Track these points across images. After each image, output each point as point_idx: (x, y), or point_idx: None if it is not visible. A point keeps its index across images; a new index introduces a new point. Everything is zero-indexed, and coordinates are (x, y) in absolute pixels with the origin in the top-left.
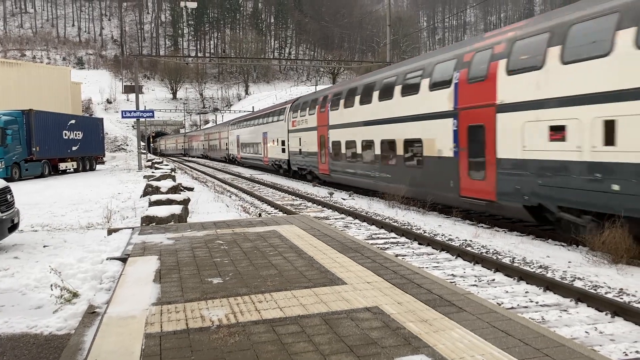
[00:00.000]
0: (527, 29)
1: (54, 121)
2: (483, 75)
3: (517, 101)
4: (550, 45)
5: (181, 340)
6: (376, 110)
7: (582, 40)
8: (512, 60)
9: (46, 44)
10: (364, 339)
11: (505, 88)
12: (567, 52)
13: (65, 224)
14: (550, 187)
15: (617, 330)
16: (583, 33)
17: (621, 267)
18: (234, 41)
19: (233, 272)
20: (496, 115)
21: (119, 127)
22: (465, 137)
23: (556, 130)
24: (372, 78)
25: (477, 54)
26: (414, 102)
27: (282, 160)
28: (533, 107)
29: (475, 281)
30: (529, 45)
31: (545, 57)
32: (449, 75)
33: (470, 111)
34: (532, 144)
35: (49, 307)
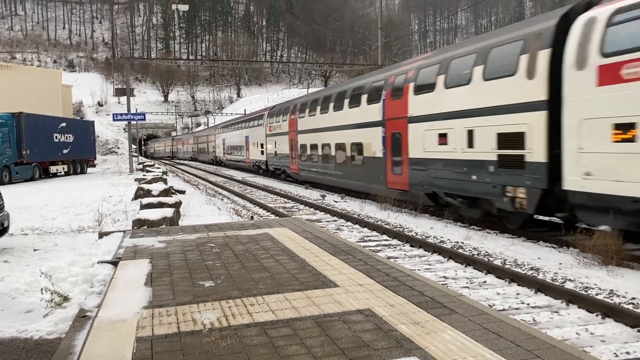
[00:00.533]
0: (427, 60)
1: (45, 124)
2: (400, 94)
3: (420, 114)
4: (439, 74)
5: (173, 343)
6: (332, 118)
7: (456, 72)
8: (417, 83)
9: (37, 47)
10: (356, 341)
11: (413, 104)
12: (448, 80)
13: (56, 228)
14: (440, 178)
15: (607, 331)
16: (456, 66)
17: (611, 269)
18: (225, 44)
19: (225, 275)
20: (408, 125)
21: (110, 130)
22: (389, 142)
23: (442, 136)
24: (329, 91)
25: (397, 77)
26: (357, 113)
27: (261, 161)
28: (429, 119)
29: (467, 283)
30: (427, 73)
31: (435, 83)
32: (379, 92)
33: (392, 121)
34: (429, 147)
35: (39, 311)
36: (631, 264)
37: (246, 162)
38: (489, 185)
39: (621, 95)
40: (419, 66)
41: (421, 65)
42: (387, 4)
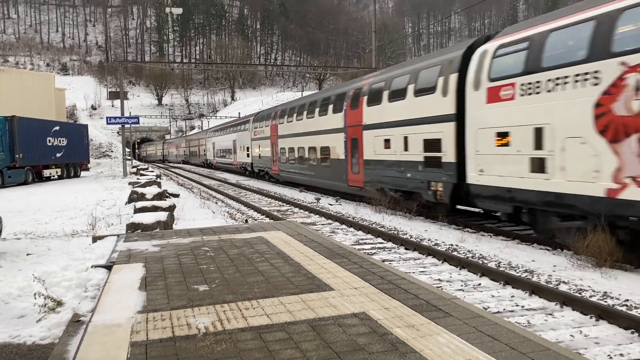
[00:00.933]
0: (377, 77)
1: (38, 128)
2: (357, 105)
3: (371, 123)
4: (384, 89)
5: (167, 348)
6: (306, 125)
7: (396, 88)
8: (369, 97)
9: (29, 50)
10: (351, 345)
11: (367, 115)
12: (390, 95)
13: (49, 232)
14: (386, 176)
15: (601, 334)
16: (396, 84)
17: (605, 271)
18: (219, 47)
19: (219, 279)
20: (363, 131)
21: (104, 134)
22: (349, 146)
23: (387, 141)
24: (304, 100)
25: (355, 91)
26: (325, 120)
27: (247, 163)
28: (378, 127)
29: (462, 286)
30: (376, 88)
31: (382, 97)
32: (341, 103)
33: (351, 128)
34: (378, 150)
35: (33, 316)
36: (624, 265)
37: (234, 164)
38: (419, 181)
39: (500, 111)
40: (370, 82)
41: (372, 82)
42: (380, 7)
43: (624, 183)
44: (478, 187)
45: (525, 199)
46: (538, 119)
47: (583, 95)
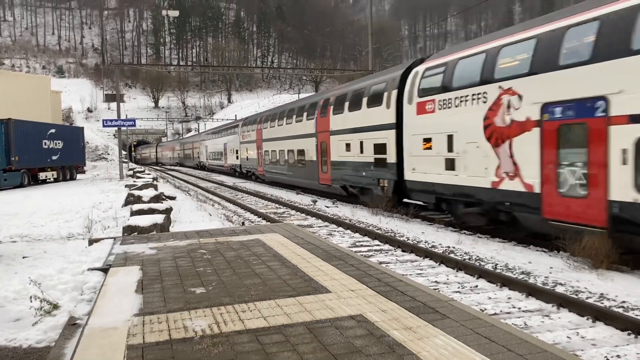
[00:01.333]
0: (341, 90)
1: (34, 130)
2: (325, 113)
3: (337, 129)
4: (345, 101)
5: (164, 351)
6: (286, 129)
7: (354, 100)
8: (334, 106)
9: (25, 53)
10: (348, 347)
11: (333, 122)
12: (350, 106)
13: (45, 235)
14: (347, 175)
15: (598, 335)
16: (353, 96)
17: (601, 272)
18: (216, 49)
19: (216, 282)
20: (330, 136)
21: (100, 136)
22: (319, 149)
23: (347, 145)
24: (284, 108)
25: (324, 101)
26: (301, 126)
27: (236, 165)
28: (341, 133)
29: (459, 288)
30: (340, 99)
31: (344, 107)
32: (313, 112)
33: (321, 133)
34: (341, 153)
35: (29, 319)
36: (621, 267)
37: (225, 166)
38: (371, 178)
39: (426, 121)
40: (336, 94)
41: (337, 94)
42: (377, 10)
43: (502, 177)
44: (411, 183)
45: (442, 191)
46: (450, 128)
47: (477, 110)
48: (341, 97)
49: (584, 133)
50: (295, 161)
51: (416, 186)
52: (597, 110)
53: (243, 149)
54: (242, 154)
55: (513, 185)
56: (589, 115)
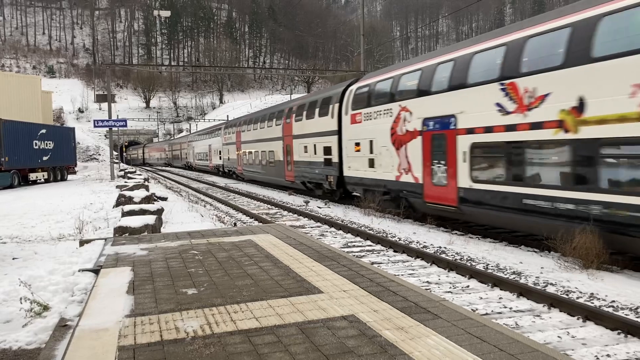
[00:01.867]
0: (302, 100)
1: (24, 131)
2: (289, 120)
3: (297, 134)
4: (304, 110)
5: (155, 352)
6: (260, 133)
7: (309, 110)
8: (296, 114)
9: (16, 53)
10: (340, 347)
11: (295, 128)
12: (306, 114)
13: (35, 236)
14: (306, 173)
15: (588, 335)
16: (309, 106)
17: (592, 272)
18: (208, 50)
19: (208, 283)
20: (293, 140)
21: (91, 137)
22: (285, 150)
23: (305, 148)
24: (258, 114)
25: (288, 109)
26: (271, 130)
27: (220, 165)
28: (301, 137)
29: (450, 288)
30: (299, 108)
31: (302, 115)
32: (280, 118)
33: (286, 137)
34: (301, 154)
35: (18, 321)
36: (611, 267)
37: (209, 166)
38: (322, 175)
39: (356, 129)
40: (297, 104)
41: (298, 103)
42: (369, 11)
43: (401, 172)
44: (348, 178)
45: (368, 183)
46: (371, 135)
47: (387, 122)
48: (301, 106)
49: (444, 140)
50: (267, 161)
51: (351, 180)
52: (450, 124)
53: (225, 150)
54: (224, 155)
55: (407, 178)
56: (447, 128)
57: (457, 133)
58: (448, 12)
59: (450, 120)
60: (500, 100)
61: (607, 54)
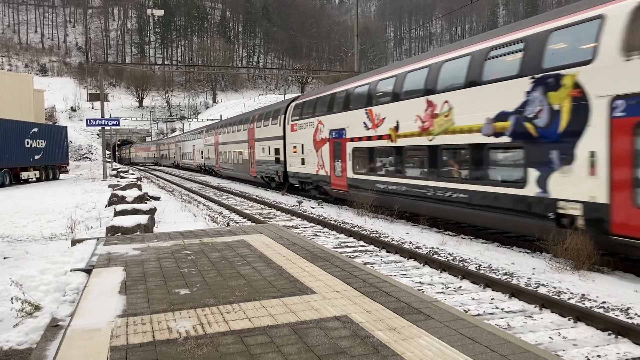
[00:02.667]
0: (258, 111)
1: (16, 129)
2: (252, 126)
3: (258, 138)
4: (261, 119)
5: (148, 352)
6: (232, 136)
7: (265, 119)
8: (257, 122)
9: (7, 50)
10: (333, 348)
11: (256, 133)
12: (263, 123)
13: (27, 235)
14: (263, 169)
15: (579, 335)
16: (265, 116)
17: (583, 273)
18: (201, 49)
19: (201, 283)
20: (255, 143)
21: (84, 136)
22: (250, 151)
23: (263, 149)
24: (231, 120)
25: (252, 117)
26: (240, 134)
27: (202, 163)
28: (260, 140)
29: (443, 288)
30: (260, 116)
31: (261, 122)
32: (247, 124)
33: (251, 140)
34: (260, 155)
35: (9, 321)
36: (602, 268)
37: (193, 164)
38: (274, 171)
39: (294, 135)
40: (258, 113)
41: (259, 113)
42: (363, 12)
43: (319, 168)
44: (289, 172)
45: (301, 176)
46: (302, 140)
47: (310, 131)
48: (260, 115)
49: (340, 145)
50: (237, 160)
51: (291, 174)
52: (344, 134)
53: (206, 150)
54: (205, 155)
55: (322, 172)
56: (342, 137)
57: (346, 141)
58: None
59: (344, 132)
60: (365, 120)
61: (406, 97)
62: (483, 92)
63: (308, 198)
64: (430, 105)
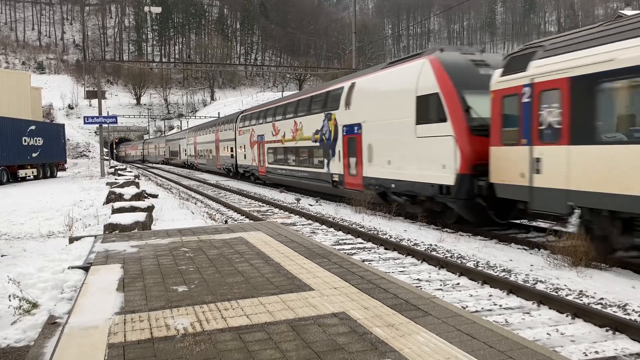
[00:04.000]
0: (224, 119)
1: (13, 127)
2: (216, 130)
3: (221, 139)
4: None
5: (145, 349)
6: (205, 138)
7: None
8: (220, 127)
9: (4, 48)
10: (331, 344)
11: (220, 135)
12: (223, 127)
13: (24, 233)
14: (224, 163)
15: (577, 332)
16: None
17: (581, 270)
18: (199, 46)
19: (199, 280)
20: (219, 143)
21: (81, 133)
22: (217, 150)
23: (225, 148)
24: (206, 124)
25: (218, 123)
26: (210, 136)
27: (185, 159)
28: (222, 141)
29: (441, 285)
30: (222, 123)
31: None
32: (213, 130)
33: (216, 141)
34: (222, 152)
35: (7, 319)
36: (600, 264)
37: (179, 161)
38: (230, 164)
39: (240, 138)
40: (221, 120)
41: (222, 120)
42: (360, 9)
43: (253, 160)
44: (238, 165)
45: (245, 168)
46: (244, 142)
47: (248, 135)
48: (222, 122)
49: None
50: (209, 156)
51: (238, 166)
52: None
53: (188, 149)
54: (188, 152)
55: (254, 163)
56: (263, 140)
57: (265, 143)
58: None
59: (263, 137)
60: (272, 130)
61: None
62: (312, 117)
63: (306, 195)
64: (295, 123)
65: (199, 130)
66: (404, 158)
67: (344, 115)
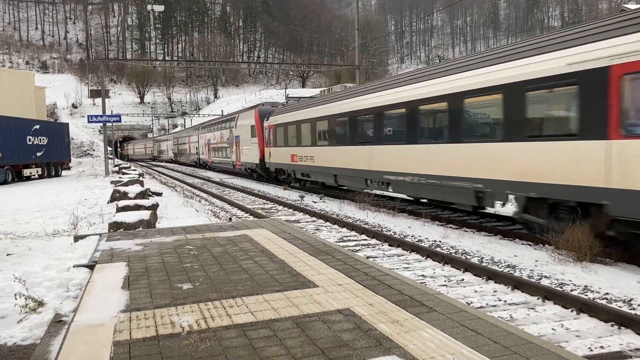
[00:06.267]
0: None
1: (17, 126)
2: (196, 133)
3: (192, 141)
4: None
5: (151, 347)
6: (185, 139)
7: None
8: (202, 133)
9: (8, 48)
10: (335, 341)
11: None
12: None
13: (30, 232)
14: (195, 158)
15: (582, 327)
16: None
17: (585, 265)
18: (202, 44)
19: (203, 277)
20: (190, 144)
21: (85, 132)
22: (206, 150)
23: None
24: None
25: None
26: (194, 138)
27: (172, 156)
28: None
29: (445, 281)
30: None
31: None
32: (196, 134)
33: (193, 143)
34: (202, 151)
35: (13, 317)
36: (604, 259)
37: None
38: (196, 158)
39: (200, 140)
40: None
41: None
42: (363, 5)
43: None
44: (199, 159)
45: (204, 160)
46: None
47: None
48: (201, 127)
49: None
50: (187, 153)
51: (199, 159)
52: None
53: (174, 148)
54: (174, 150)
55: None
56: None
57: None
58: (443, 6)
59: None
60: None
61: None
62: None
63: (310, 193)
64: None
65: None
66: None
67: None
